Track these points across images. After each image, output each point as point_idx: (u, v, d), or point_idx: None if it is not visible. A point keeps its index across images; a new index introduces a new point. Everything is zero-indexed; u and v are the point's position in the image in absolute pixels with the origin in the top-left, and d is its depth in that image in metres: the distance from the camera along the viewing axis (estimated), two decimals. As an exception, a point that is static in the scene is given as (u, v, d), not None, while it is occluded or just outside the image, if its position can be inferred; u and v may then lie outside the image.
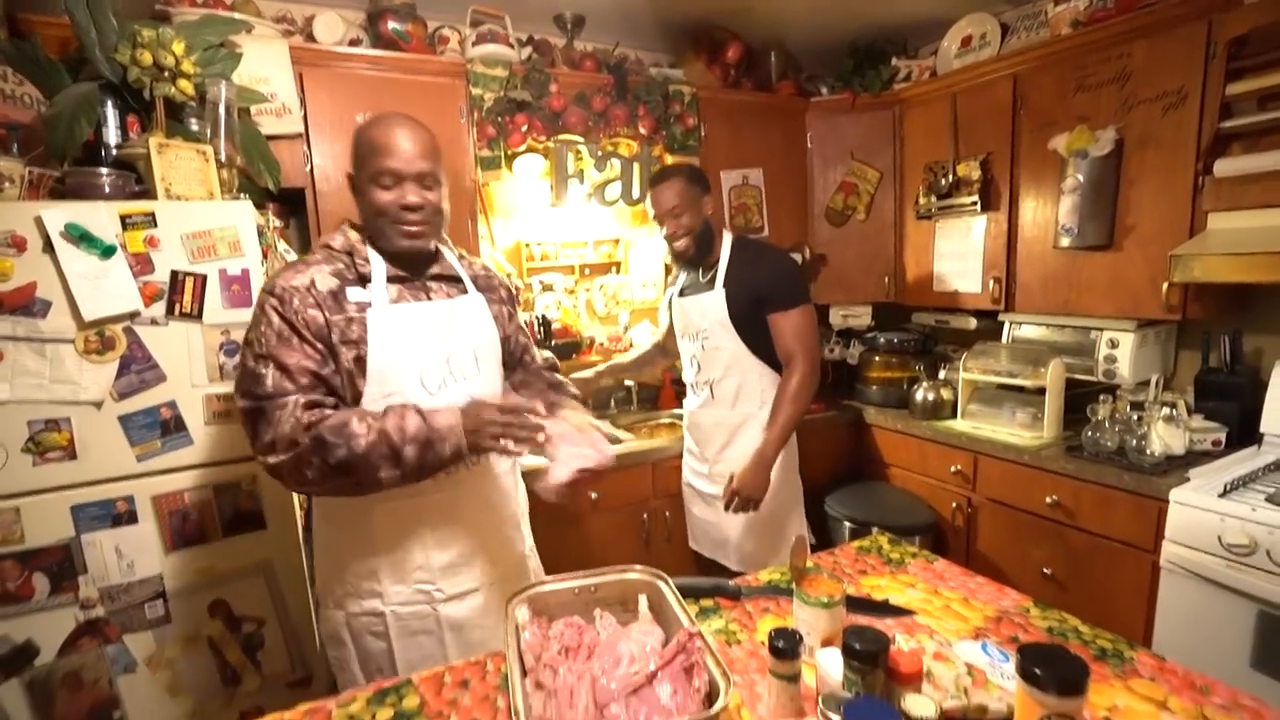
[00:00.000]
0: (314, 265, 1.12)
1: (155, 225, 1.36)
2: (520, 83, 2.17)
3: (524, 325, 1.45)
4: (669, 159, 2.54)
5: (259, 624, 1.55)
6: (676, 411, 2.72)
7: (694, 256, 1.84)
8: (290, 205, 2.02)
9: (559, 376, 1.45)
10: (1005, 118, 2.23)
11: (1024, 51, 2.18)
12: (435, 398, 1.14)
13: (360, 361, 1.10)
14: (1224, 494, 1.57)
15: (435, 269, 1.23)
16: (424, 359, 1.15)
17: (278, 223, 1.77)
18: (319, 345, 1.08)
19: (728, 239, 1.87)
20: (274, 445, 1.03)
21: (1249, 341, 1.98)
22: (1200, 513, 1.57)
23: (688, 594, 1.15)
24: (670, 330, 2.07)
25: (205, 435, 1.44)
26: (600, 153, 2.40)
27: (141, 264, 1.35)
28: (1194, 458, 1.82)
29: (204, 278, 1.40)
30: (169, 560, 1.44)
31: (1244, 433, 1.88)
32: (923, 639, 0.92)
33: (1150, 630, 1.69)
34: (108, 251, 1.31)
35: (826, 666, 0.83)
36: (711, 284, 1.84)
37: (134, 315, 1.35)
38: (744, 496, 1.72)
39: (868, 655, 0.76)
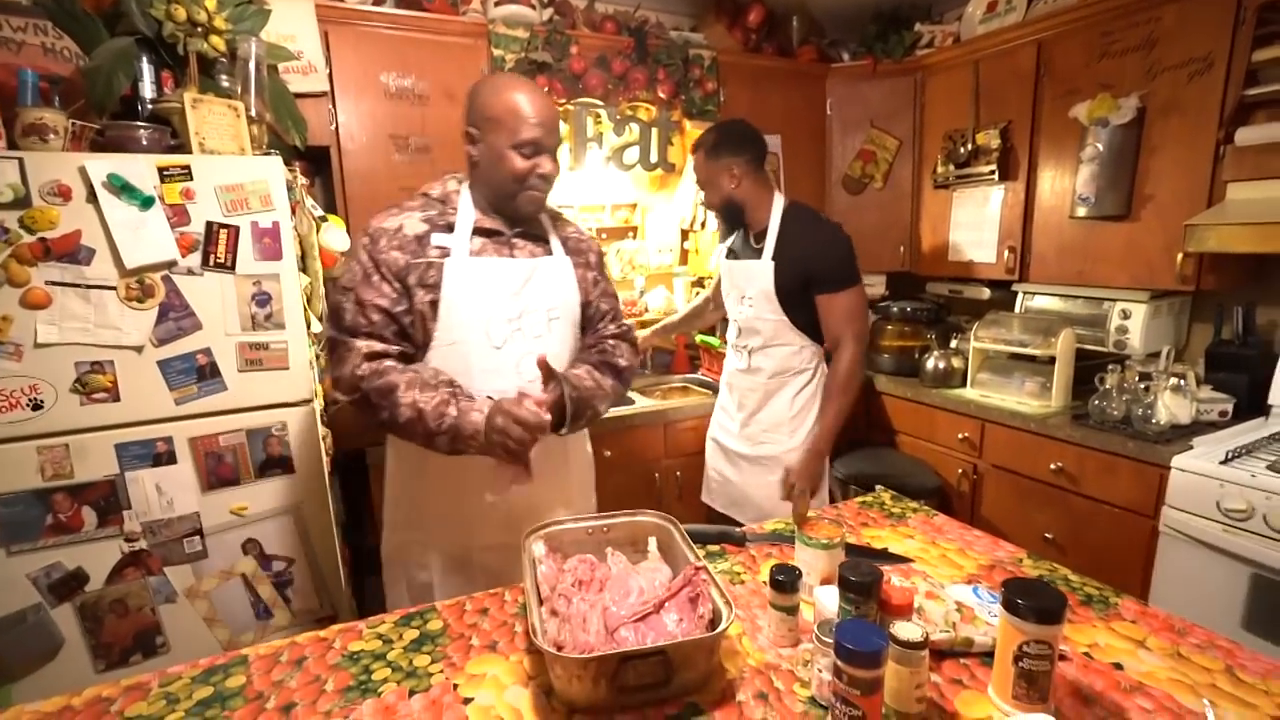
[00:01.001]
0: (408, 210, 1.19)
1: (191, 178, 1.40)
2: (541, 44, 2.18)
3: (612, 291, 1.41)
4: (687, 124, 2.54)
5: (289, 563, 1.64)
6: (690, 376, 2.76)
7: (728, 224, 1.88)
8: (315, 163, 2.06)
9: (614, 358, 1.35)
10: (1028, 85, 2.20)
11: (1050, 16, 2.14)
12: (500, 351, 1.18)
13: (434, 305, 1.16)
14: (1226, 461, 1.59)
15: (523, 227, 1.26)
16: (493, 312, 1.18)
17: (304, 180, 1.80)
18: (395, 285, 1.14)
19: (778, 204, 1.79)
20: (339, 384, 1.14)
21: (1263, 314, 1.97)
22: (1201, 479, 1.59)
23: (697, 539, 1.20)
24: (719, 286, 2.06)
25: (238, 381, 1.50)
26: (619, 116, 2.40)
27: (178, 215, 1.40)
28: (1200, 427, 1.83)
29: (236, 229, 1.45)
30: (205, 499, 1.52)
31: (1253, 404, 1.89)
32: (916, 581, 0.97)
33: (1146, 593, 1.73)
34: (147, 202, 1.36)
35: (823, 601, 0.88)
36: (759, 253, 1.79)
37: (172, 264, 1.40)
38: (800, 488, 1.69)
39: (862, 586, 0.80)
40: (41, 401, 1.36)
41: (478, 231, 1.20)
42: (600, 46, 2.31)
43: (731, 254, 1.93)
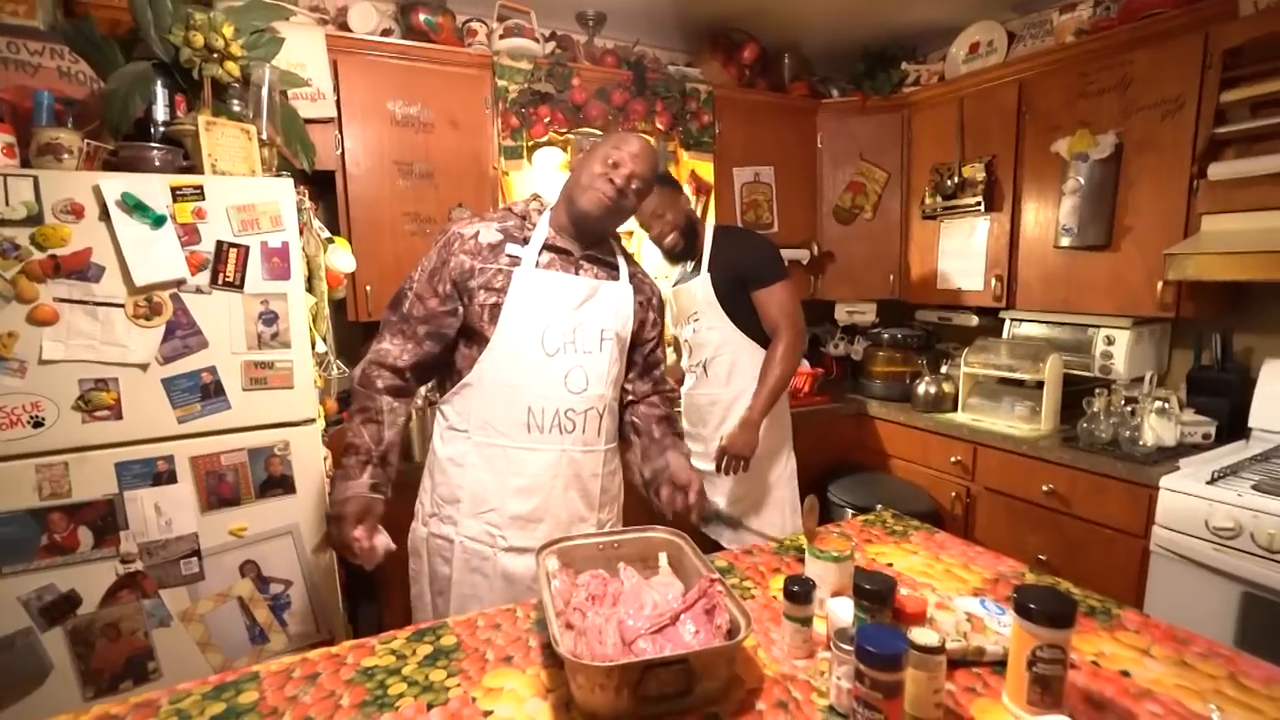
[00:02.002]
0: (488, 220, 1.29)
1: (203, 198, 1.42)
2: (544, 75, 2.25)
3: (665, 340, 1.49)
4: (684, 155, 2.62)
5: (286, 585, 1.61)
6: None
7: (684, 250, 1.94)
8: (320, 187, 2.09)
9: (675, 418, 1.46)
10: (1010, 121, 2.31)
11: (1030, 58, 2.25)
12: (551, 359, 1.24)
13: (495, 309, 1.23)
14: (1212, 481, 1.64)
15: (595, 250, 1.32)
16: (550, 321, 1.24)
17: (309, 203, 1.83)
18: (450, 288, 1.24)
19: (710, 228, 1.99)
20: (359, 370, 1.28)
21: (1239, 340, 2.05)
22: (1189, 499, 1.64)
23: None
24: (673, 319, 2.15)
25: (242, 400, 1.50)
26: (617, 146, 2.46)
27: (189, 234, 1.41)
28: (1184, 449, 1.88)
29: (246, 249, 1.46)
30: (204, 519, 1.50)
31: (1234, 427, 1.95)
32: (925, 593, 0.99)
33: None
34: (159, 221, 1.38)
35: (837, 611, 0.89)
36: (698, 269, 1.95)
37: (180, 283, 1.41)
38: (733, 454, 1.81)
39: (877, 595, 0.82)
40: (42, 419, 1.35)
41: (549, 248, 1.27)
42: (601, 79, 2.39)
43: (676, 284, 2.08)
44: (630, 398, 1.41)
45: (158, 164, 1.44)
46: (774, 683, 0.85)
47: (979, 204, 2.39)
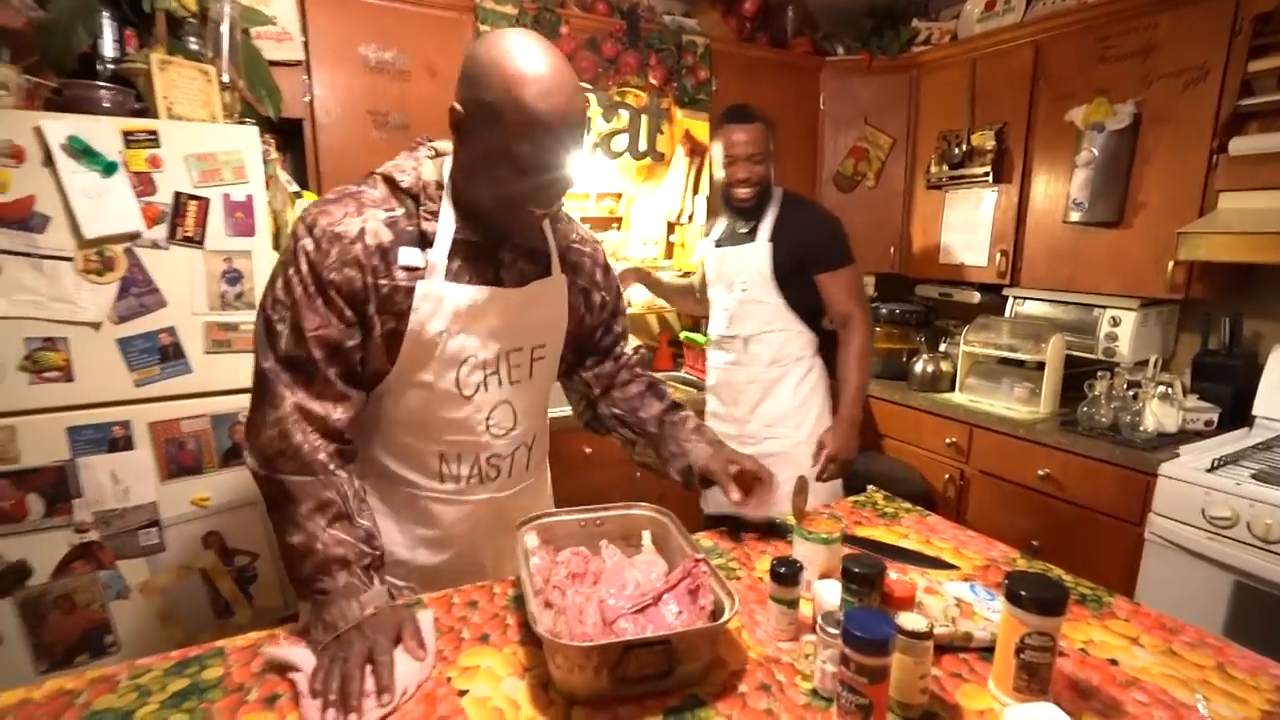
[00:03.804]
0: (368, 207, 0.92)
1: (158, 145, 1.38)
2: (530, 22, 2.18)
3: (623, 308, 1.26)
4: (678, 113, 2.57)
5: (252, 558, 1.62)
6: (673, 374, 2.79)
7: (750, 208, 1.84)
8: (286, 136, 2.03)
9: (663, 386, 1.28)
10: (1024, 87, 2.29)
11: (1049, 18, 2.22)
12: (470, 402, 1.01)
13: (394, 338, 0.94)
14: (1212, 469, 1.68)
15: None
16: (467, 353, 0.99)
17: (275, 154, 1.78)
18: (347, 312, 0.91)
19: (777, 192, 1.89)
20: (254, 441, 0.91)
21: (1249, 325, 2.08)
22: (1187, 486, 1.68)
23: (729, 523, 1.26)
24: (704, 279, 2.07)
25: (204, 364, 1.48)
26: (609, 102, 2.42)
27: (143, 184, 1.38)
28: (1186, 436, 1.92)
29: (207, 202, 1.43)
30: (164, 488, 1.49)
31: (1237, 414, 1.99)
32: (915, 577, 1.01)
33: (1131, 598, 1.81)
34: (110, 168, 1.34)
35: (824, 594, 0.91)
36: (753, 236, 1.86)
37: (135, 236, 1.38)
38: (841, 460, 1.76)
39: (865, 578, 0.84)
40: (-14, 379, 1.33)
41: (456, 245, 0.96)
42: (591, 28, 2.33)
43: (719, 243, 1.97)
44: (596, 391, 1.22)
45: (107, 105, 1.40)
46: (757, 665, 0.86)
47: (987, 174, 2.38)
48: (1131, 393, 2.01)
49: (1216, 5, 1.81)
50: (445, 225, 0.95)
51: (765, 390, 1.90)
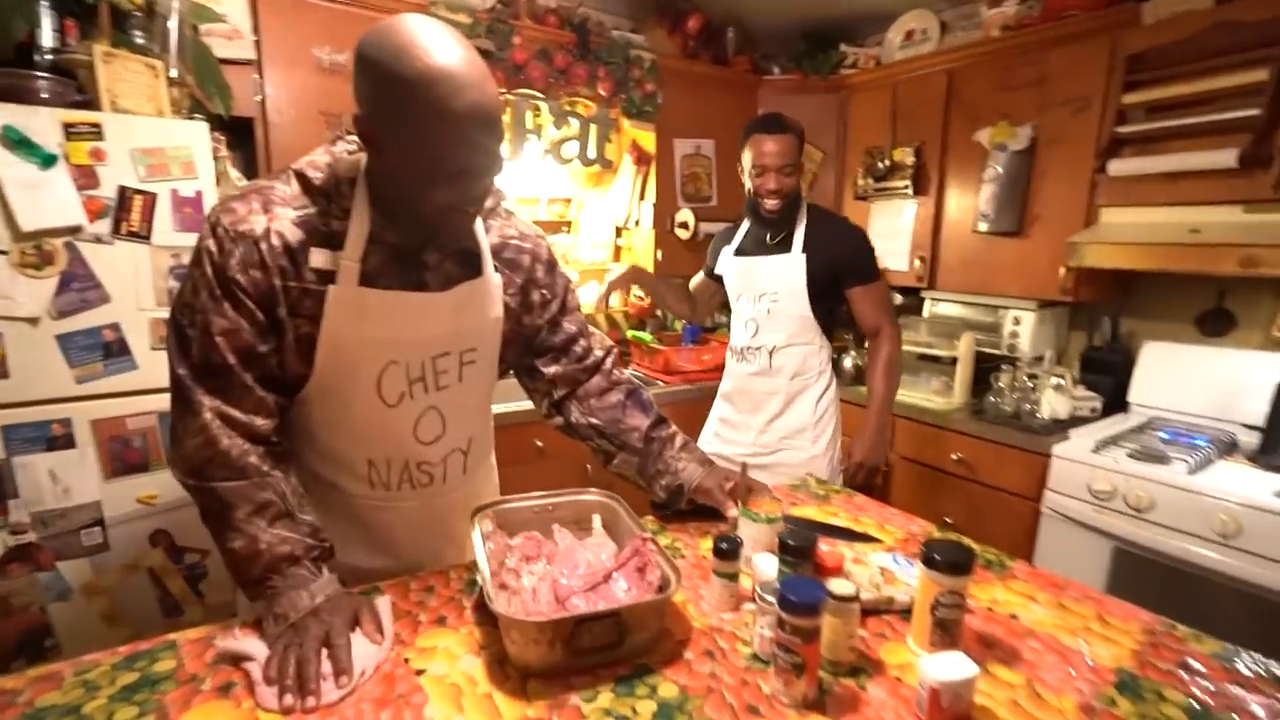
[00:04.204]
0: (276, 204, 0.85)
1: (102, 138, 1.30)
2: (484, 31, 2.16)
3: (576, 304, 1.16)
4: (626, 123, 2.59)
5: (203, 555, 1.54)
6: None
7: (778, 219, 1.74)
8: (237, 135, 1.94)
9: (641, 393, 1.19)
10: (939, 109, 2.41)
11: (959, 49, 2.35)
12: (394, 410, 0.94)
13: (308, 343, 0.87)
14: (1096, 450, 1.81)
15: (441, 238, 0.94)
16: (386, 360, 0.91)
17: (229, 153, 1.71)
18: (258, 315, 0.84)
19: (803, 203, 1.81)
20: (179, 453, 0.85)
21: (1125, 324, 2.25)
22: (1076, 465, 1.81)
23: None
24: (704, 284, 2.00)
25: (151, 360, 1.41)
26: (559, 110, 2.42)
27: (85, 177, 1.30)
28: (1075, 421, 2.07)
29: (154, 197, 1.36)
30: (108, 487, 1.41)
31: (1117, 402, 2.16)
32: (843, 549, 1.06)
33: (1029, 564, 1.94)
34: (48, 160, 1.26)
35: (761, 567, 0.94)
36: (786, 247, 1.77)
37: (76, 230, 1.30)
38: (869, 467, 1.75)
39: (799, 550, 0.88)
40: (-87, 375, 1.23)
41: (374, 245, 0.87)
42: (543, 39, 2.32)
43: (742, 251, 1.86)
44: (561, 391, 1.14)
45: (45, 96, 1.31)
46: (701, 634, 0.89)
47: (907, 187, 2.49)
48: (1030, 384, 2.15)
49: (1097, 44, 1.96)
50: (358, 225, 0.86)
51: (787, 403, 1.82)
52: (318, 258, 0.85)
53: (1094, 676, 0.81)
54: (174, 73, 1.45)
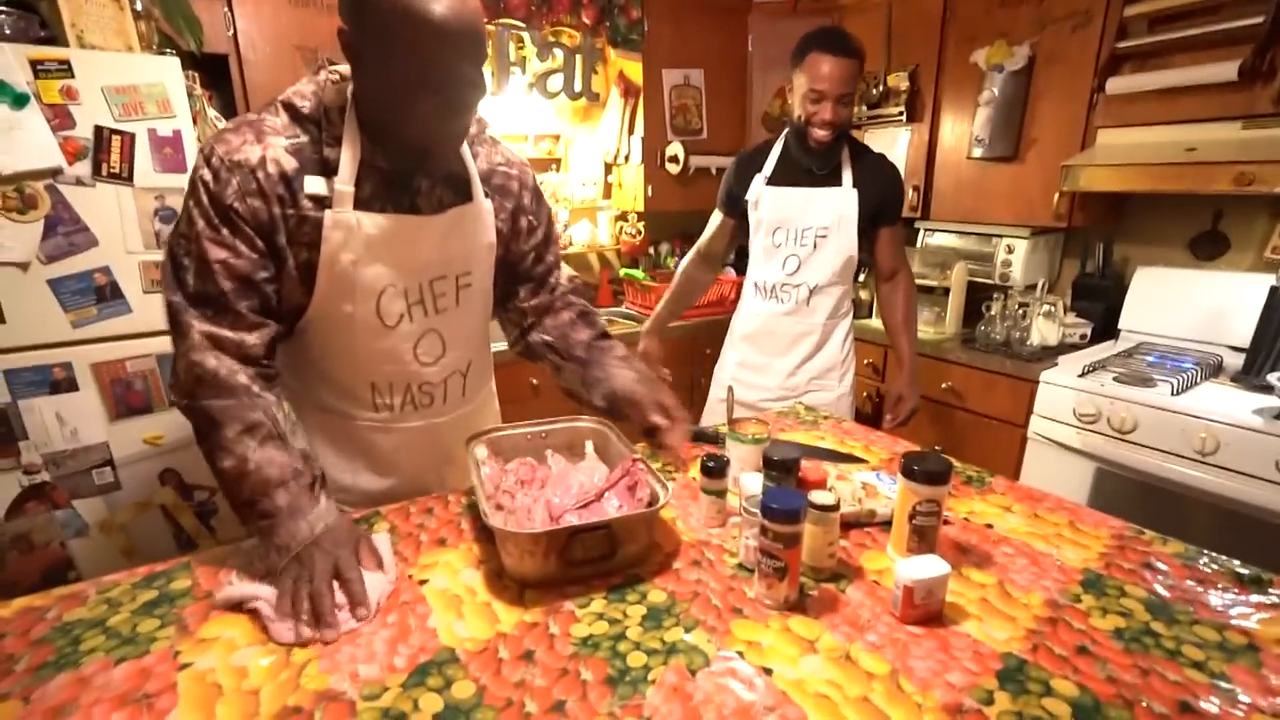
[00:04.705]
0: (268, 134, 0.86)
1: (72, 75, 1.27)
2: (460, -45, 2.06)
3: (555, 235, 1.18)
4: (612, 53, 2.50)
5: (211, 492, 1.59)
6: (615, 309, 2.81)
7: (826, 150, 1.58)
8: (212, 74, 1.88)
9: (596, 316, 1.21)
10: (935, 29, 2.32)
11: (957, -38, 2.24)
12: (394, 331, 0.97)
13: (309, 270, 0.89)
14: (1082, 375, 1.84)
15: (432, 163, 0.94)
16: (385, 283, 0.94)
17: (204, 92, 1.66)
18: (257, 243, 0.85)
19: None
20: (175, 378, 0.86)
21: (1118, 250, 2.24)
22: (1061, 390, 1.84)
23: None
24: (724, 230, 1.80)
25: (144, 304, 1.41)
26: (543, 41, 2.33)
27: (60, 117, 1.27)
28: (1065, 348, 2.09)
29: (132, 137, 1.33)
30: (114, 428, 1.44)
31: (1108, 328, 2.17)
32: (827, 467, 1.09)
33: (1013, 490, 2.00)
34: (20, 100, 1.22)
35: (748, 484, 0.97)
36: (835, 179, 1.64)
37: (56, 173, 1.28)
38: (912, 408, 1.73)
39: (782, 464, 0.91)
40: (-91, 323, 1.23)
41: (366, 171, 0.90)
42: (523, -37, 2.22)
43: (775, 181, 1.68)
44: (530, 320, 1.16)
45: (7, 31, 1.27)
46: (690, 547, 0.93)
47: (901, 114, 2.43)
48: (1021, 312, 2.15)
49: (1101, -49, 1.87)
50: (350, 151, 0.88)
51: (817, 345, 1.73)
52: (313, 184, 0.87)
53: (1061, 576, 0.85)
54: (139, 5, 1.39)
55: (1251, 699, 0.65)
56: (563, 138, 2.76)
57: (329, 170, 0.88)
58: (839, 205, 1.63)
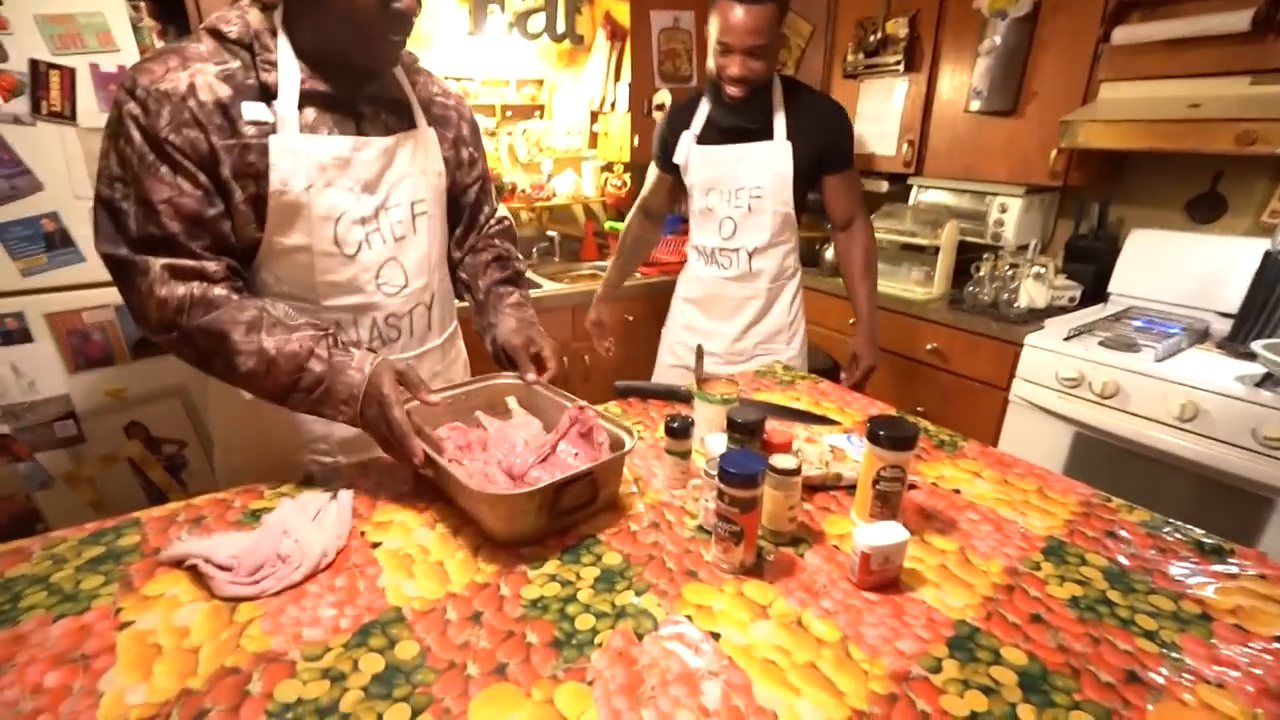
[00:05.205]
0: (194, 61, 0.81)
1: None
2: (432, -122, 1.92)
3: (488, 171, 1.18)
4: (598, -9, 2.38)
5: (180, 446, 1.57)
6: (600, 263, 2.75)
7: (743, 103, 1.47)
8: (166, 8, 1.77)
9: (513, 261, 1.19)
10: (938, -29, 2.20)
11: (965, -102, 2.11)
12: (354, 261, 0.94)
13: (258, 202, 0.86)
14: (1068, 339, 1.81)
15: (373, 87, 0.94)
16: (343, 209, 0.91)
17: (154, 24, 1.56)
18: (200, 177, 0.82)
19: (776, 80, 1.53)
20: (141, 320, 0.85)
21: (1115, 211, 2.19)
22: (1045, 353, 1.82)
23: (645, 394, 1.26)
24: (661, 185, 1.75)
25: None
26: (524, -24, 2.20)
27: (-9, 49, 1.19)
28: (1053, 311, 2.06)
29: (72, 71, 1.25)
30: (74, 380, 1.41)
31: (1098, 291, 2.14)
32: (797, 429, 1.07)
33: (992, 452, 2.00)
34: (-54, 29, 1.14)
35: (713, 446, 0.96)
36: (767, 133, 1.53)
37: (-8, 110, 1.21)
38: (871, 365, 1.68)
39: (746, 427, 0.89)
40: None
41: (308, 98, 0.87)
42: (501, -111, 2.08)
43: (706, 140, 1.59)
44: (457, 254, 1.17)
45: (-68, -47, 1.17)
46: (650, 508, 0.92)
47: (899, 63, 2.33)
48: (1011, 274, 2.11)
49: (1118, -113, 1.75)
50: (288, 74, 0.85)
51: (765, 307, 1.68)
52: (252, 110, 0.83)
53: (1024, 544, 0.85)
54: (77, -75, 1.29)
55: (1198, 667, 0.65)
56: (546, 83, 2.65)
57: (268, 96, 0.85)
58: (772, 161, 1.53)
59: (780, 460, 0.81)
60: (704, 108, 1.59)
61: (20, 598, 0.73)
